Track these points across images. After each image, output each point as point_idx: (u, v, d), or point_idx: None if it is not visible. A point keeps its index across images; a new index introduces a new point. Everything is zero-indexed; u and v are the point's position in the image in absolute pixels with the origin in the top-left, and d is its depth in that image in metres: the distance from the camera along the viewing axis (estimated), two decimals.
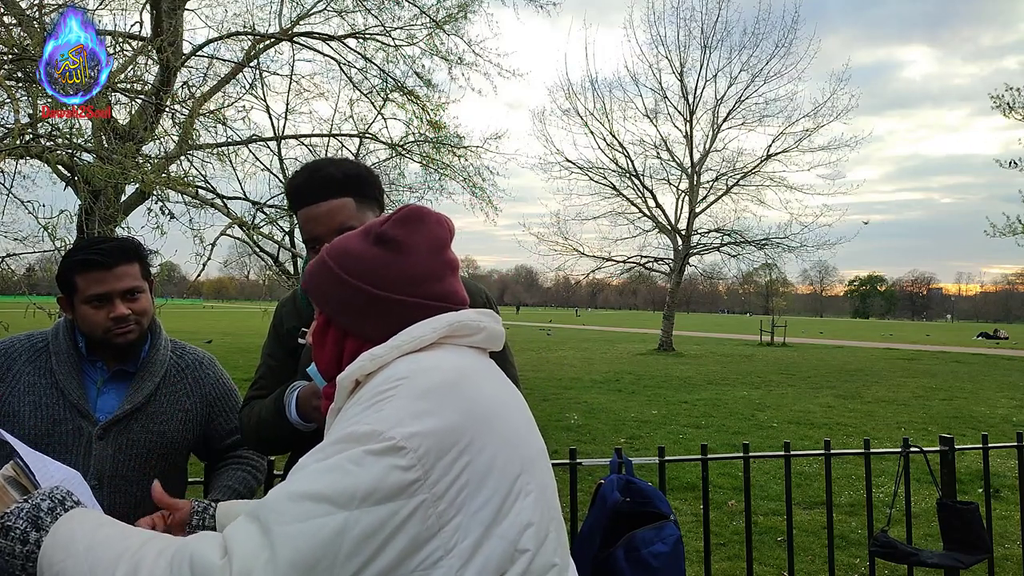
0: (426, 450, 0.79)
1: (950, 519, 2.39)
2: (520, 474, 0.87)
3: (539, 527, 0.87)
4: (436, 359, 0.91)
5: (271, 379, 1.63)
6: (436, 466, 0.79)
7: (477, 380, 0.92)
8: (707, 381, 14.53)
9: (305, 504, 0.76)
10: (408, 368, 0.88)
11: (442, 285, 1.00)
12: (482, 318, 1.02)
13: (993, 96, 17.57)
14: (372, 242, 0.99)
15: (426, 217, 1.02)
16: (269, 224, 10.52)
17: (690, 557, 3.16)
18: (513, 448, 0.88)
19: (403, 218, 1.00)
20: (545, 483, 0.93)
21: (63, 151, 5.95)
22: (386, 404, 0.83)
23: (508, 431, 0.89)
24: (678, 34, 31.82)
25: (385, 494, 0.76)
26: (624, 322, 59.64)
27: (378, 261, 0.97)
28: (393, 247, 0.98)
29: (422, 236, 1.00)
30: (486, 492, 0.82)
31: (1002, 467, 6.42)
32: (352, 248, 1.00)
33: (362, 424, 0.82)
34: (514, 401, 0.98)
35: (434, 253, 1.00)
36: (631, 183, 24.91)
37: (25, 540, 0.90)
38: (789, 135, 23.86)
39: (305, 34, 10.86)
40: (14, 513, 0.92)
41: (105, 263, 1.54)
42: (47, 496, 0.95)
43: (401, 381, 0.86)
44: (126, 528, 0.90)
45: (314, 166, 1.56)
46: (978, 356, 24.09)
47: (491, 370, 1.01)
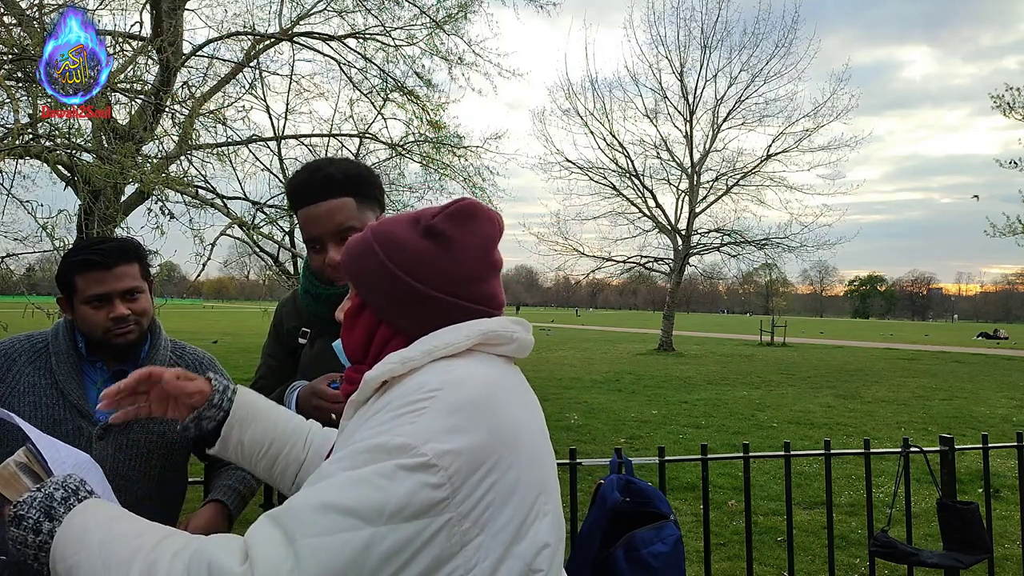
0: (456, 469, 0.78)
1: (950, 519, 2.39)
2: (540, 494, 0.87)
3: (554, 548, 0.88)
4: (468, 370, 0.89)
5: (271, 379, 1.63)
6: (464, 485, 0.78)
7: (506, 397, 0.90)
8: (707, 381, 14.53)
9: (332, 516, 0.75)
10: (441, 379, 0.86)
11: (485, 287, 0.98)
12: (515, 328, 0.99)
13: (993, 96, 17.59)
14: (421, 233, 0.96)
15: (479, 214, 0.99)
16: (269, 224, 10.51)
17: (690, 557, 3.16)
18: (535, 468, 0.88)
19: (455, 213, 0.97)
20: (558, 503, 0.93)
21: (63, 151, 5.95)
22: (418, 416, 0.81)
23: (531, 451, 0.88)
24: (678, 34, 31.91)
25: (414, 511, 0.75)
26: (624, 322, 59.64)
27: (426, 255, 0.94)
28: (442, 242, 0.95)
29: (472, 234, 0.97)
30: (509, 512, 0.82)
31: (1002, 467, 6.42)
32: (400, 236, 0.97)
33: (394, 435, 0.80)
34: (535, 418, 0.97)
35: (482, 253, 0.97)
36: (631, 183, 24.95)
37: (38, 530, 0.88)
38: (789, 135, 23.92)
39: (305, 34, 10.85)
40: (27, 502, 0.90)
41: (105, 263, 1.54)
42: (60, 485, 0.93)
43: (434, 393, 0.84)
44: (141, 523, 0.88)
45: (314, 166, 1.56)
46: (978, 356, 24.10)
47: (518, 383, 0.99)
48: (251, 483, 1.73)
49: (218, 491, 1.65)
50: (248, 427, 1.18)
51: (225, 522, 1.61)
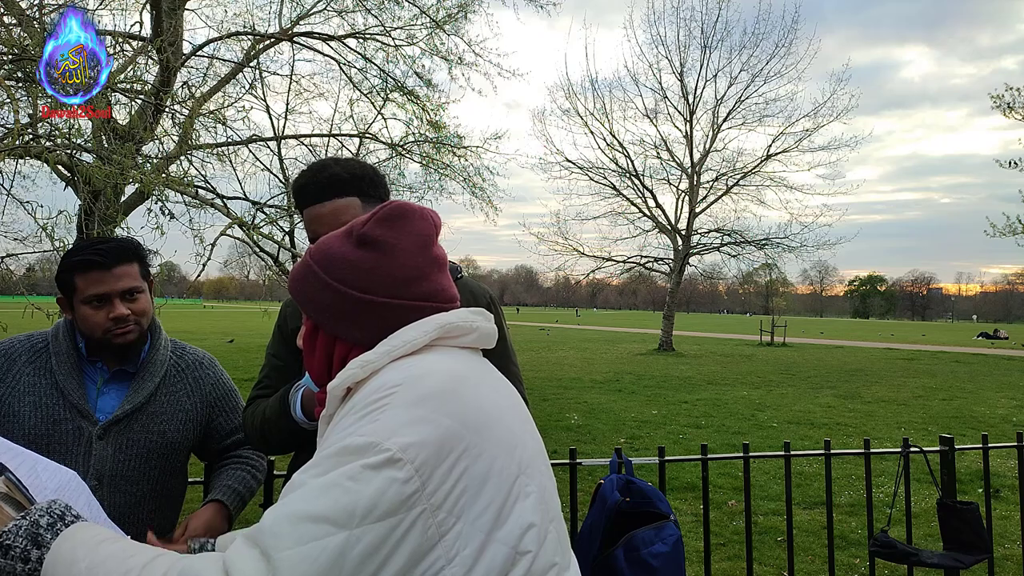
0: (423, 460, 0.78)
1: (950, 519, 2.39)
2: (518, 475, 0.86)
3: (540, 528, 0.86)
4: (429, 364, 0.89)
5: (275, 378, 1.63)
6: (433, 475, 0.78)
7: (471, 384, 0.90)
8: (707, 381, 14.52)
9: (305, 526, 0.74)
10: (401, 375, 0.87)
11: (429, 283, 0.97)
12: (474, 318, 1.00)
13: (993, 96, 17.59)
14: (355, 243, 0.96)
15: (409, 214, 0.99)
16: (269, 224, 10.51)
17: (690, 557, 3.16)
18: (510, 450, 0.87)
19: (385, 217, 0.97)
20: (544, 484, 0.92)
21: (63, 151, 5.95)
22: (381, 414, 0.82)
23: (504, 434, 0.88)
24: (678, 34, 31.96)
25: (385, 510, 0.75)
26: (624, 322, 59.66)
27: (362, 263, 0.95)
28: (377, 248, 0.95)
29: (406, 234, 0.97)
30: (485, 497, 0.81)
31: (1002, 467, 6.42)
32: (335, 250, 0.97)
33: (357, 435, 0.80)
34: (508, 401, 0.97)
35: (419, 251, 0.97)
36: (631, 183, 24.95)
37: (26, 559, 0.87)
38: (789, 135, 23.93)
39: (305, 34, 10.86)
40: (12, 531, 0.89)
41: (104, 263, 1.54)
42: (46, 511, 0.92)
43: (395, 389, 0.84)
44: (127, 546, 0.88)
45: (320, 165, 1.56)
46: (978, 356, 24.10)
47: (485, 371, 0.99)
48: (251, 483, 1.73)
49: (218, 491, 1.65)
50: None
51: (225, 522, 1.61)
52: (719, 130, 24.37)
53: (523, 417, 0.98)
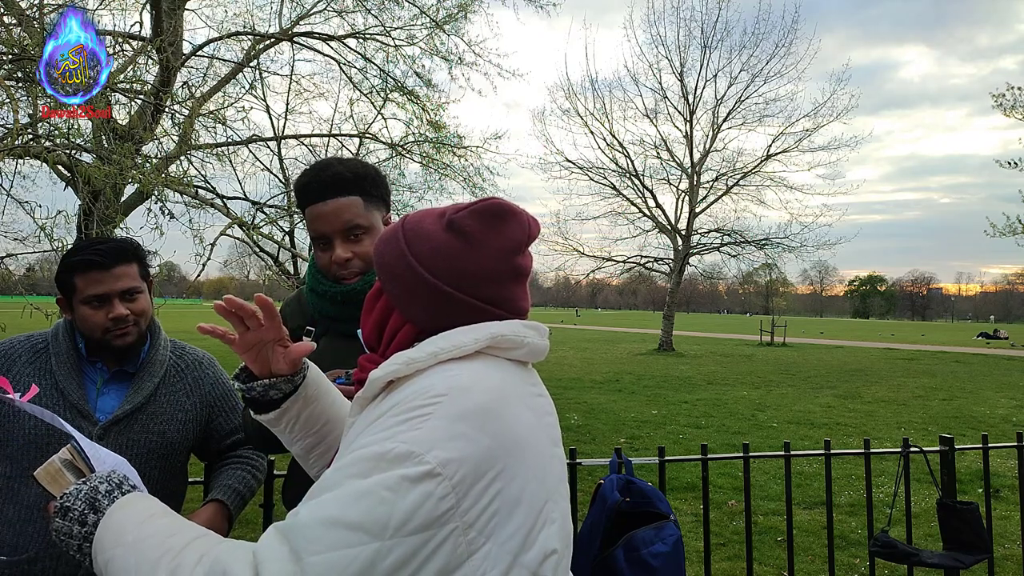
0: (461, 477, 0.77)
1: (950, 519, 2.39)
2: (547, 502, 0.86)
3: (560, 555, 0.87)
4: (475, 375, 0.88)
5: None
6: (469, 494, 0.78)
7: (513, 403, 0.89)
8: (707, 381, 14.52)
9: (338, 531, 0.74)
10: (446, 384, 0.85)
11: (501, 289, 0.96)
12: (527, 332, 0.97)
13: (994, 95, 17.58)
14: (444, 227, 0.95)
15: (506, 215, 0.97)
16: (269, 224, 10.50)
17: (690, 557, 3.16)
18: (542, 476, 0.87)
19: (481, 211, 0.96)
20: (565, 509, 0.92)
21: (63, 151, 5.95)
22: (423, 422, 0.80)
23: (536, 459, 0.87)
24: (678, 34, 31.95)
25: (419, 524, 0.75)
26: (624, 322, 59.63)
27: (444, 248, 0.94)
28: (462, 238, 0.94)
29: (496, 234, 0.95)
30: (516, 521, 0.81)
31: (1002, 467, 6.42)
32: (425, 227, 0.96)
33: (398, 442, 0.79)
34: (543, 422, 0.95)
35: (503, 255, 0.96)
36: (631, 183, 24.95)
37: (84, 522, 0.90)
38: (789, 135, 23.93)
39: (305, 34, 10.85)
40: (72, 494, 0.92)
41: (103, 263, 1.54)
42: (104, 479, 0.95)
43: (440, 399, 0.83)
44: (174, 522, 0.89)
45: (323, 164, 1.57)
46: (978, 356, 24.10)
47: (527, 388, 0.97)
48: (251, 483, 1.73)
49: (218, 491, 1.65)
50: (310, 405, 1.16)
51: (225, 522, 1.61)
52: (719, 130, 24.38)
53: (554, 439, 0.97)
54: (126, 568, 0.82)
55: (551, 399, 1.03)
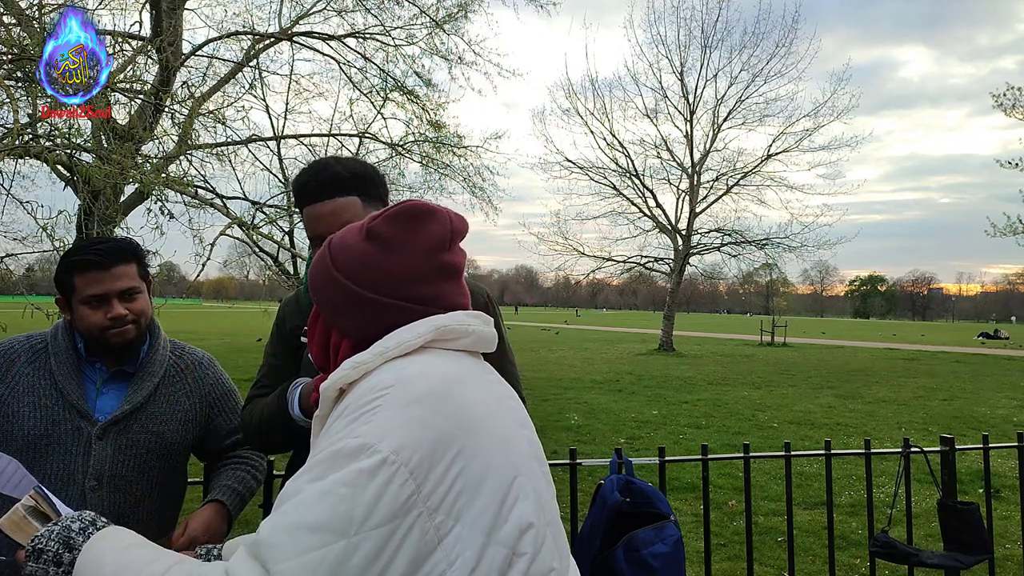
0: (417, 462, 0.77)
1: (950, 519, 2.39)
2: (516, 476, 0.86)
3: (538, 529, 0.85)
4: (422, 365, 0.88)
5: (273, 378, 1.63)
6: (429, 477, 0.77)
7: (464, 385, 0.89)
8: (707, 381, 14.52)
9: (303, 535, 0.74)
10: (393, 376, 0.86)
11: (428, 288, 0.95)
12: (470, 321, 0.98)
13: (995, 95, 17.60)
14: (364, 236, 0.96)
15: (423, 215, 0.97)
16: (269, 224, 10.51)
17: (690, 557, 3.16)
18: (505, 451, 0.86)
19: (396, 215, 0.97)
20: (540, 489, 0.91)
21: (63, 151, 5.95)
22: (373, 415, 0.81)
23: (500, 434, 0.87)
24: (678, 34, 31.90)
25: (383, 516, 0.75)
26: (624, 322, 59.62)
27: (364, 257, 0.95)
28: (380, 244, 0.95)
29: (415, 235, 0.96)
30: (483, 498, 0.80)
31: (1003, 467, 6.42)
32: (347, 240, 0.98)
33: (350, 438, 0.79)
34: (504, 404, 0.95)
35: (425, 254, 0.95)
36: (631, 183, 24.93)
37: (59, 562, 0.90)
38: (789, 135, 23.89)
39: (305, 34, 10.86)
40: (44, 535, 0.92)
41: (102, 263, 1.54)
42: (76, 518, 0.95)
43: (387, 390, 0.83)
44: (152, 552, 0.89)
45: (321, 164, 1.56)
46: (978, 356, 24.10)
47: (479, 373, 0.97)
48: (250, 483, 1.73)
49: (218, 491, 1.65)
50: None
51: (224, 523, 1.61)
52: (719, 130, 24.37)
53: (519, 420, 0.97)
54: None
55: (506, 386, 1.03)
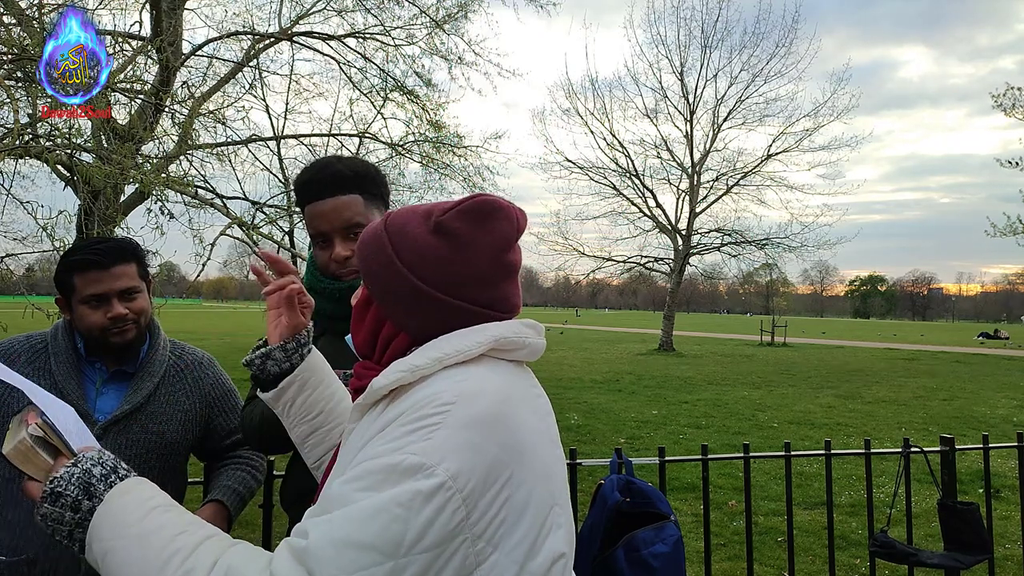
0: (471, 489, 0.77)
1: (950, 519, 2.39)
2: (553, 507, 0.85)
3: (568, 559, 0.87)
4: (480, 380, 0.86)
5: None
6: (478, 505, 0.77)
7: (518, 408, 0.87)
8: (707, 381, 14.52)
9: (352, 552, 0.74)
10: (454, 391, 0.83)
11: (496, 290, 0.93)
12: (527, 332, 0.95)
13: (995, 95, 17.59)
14: (431, 229, 0.90)
15: (495, 212, 0.92)
16: (269, 224, 10.50)
17: (690, 557, 3.16)
18: (547, 481, 0.85)
19: (469, 210, 0.91)
20: (570, 512, 0.91)
21: (63, 151, 5.95)
22: (433, 432, 0.79)
23: (543, 463, 0.86)
24: (678, 34, 31.98)
25: (433, 540, 0.75)
26: (624, 322, 59.61)
27: (432, 252, 0.89)
28: (451, 240, 0.90)
29: (485, 233, 0.91)
30: (523, 528, 0.80)
31: (1003, 467, 6.42)
32: (411, 230, 0.91)
33: (408, 453, 0.77)
34: (544, 424, 0.93)
35: (494, 254, 0.91)
36: (631, 183, 24.95)
37: (77, 508, 0.86)
38: (789, 135, 23.93)
39: (305, 34, 10.86)
40: (64, 478, 0.87)
41: (102, 263, 1.54)
42: (97, 461, 0.90)
43: (448, 407, 0.81)
44: (181, 516, 0.86)
45: (323, 163, 1.57)
46: (978, 356, 24.09)
47: (529, 389, 0.95)
48: (250, 484, 1.73)
49: (217, 491, 1.65)
50: (307, 390, 1.16)
51: (224, 523, 1.60)
52: (719, 130, 24.39)
53: (555, 439, 0.95)
54: (129, 562, 0.80)
55: (548, 398, 1.02)
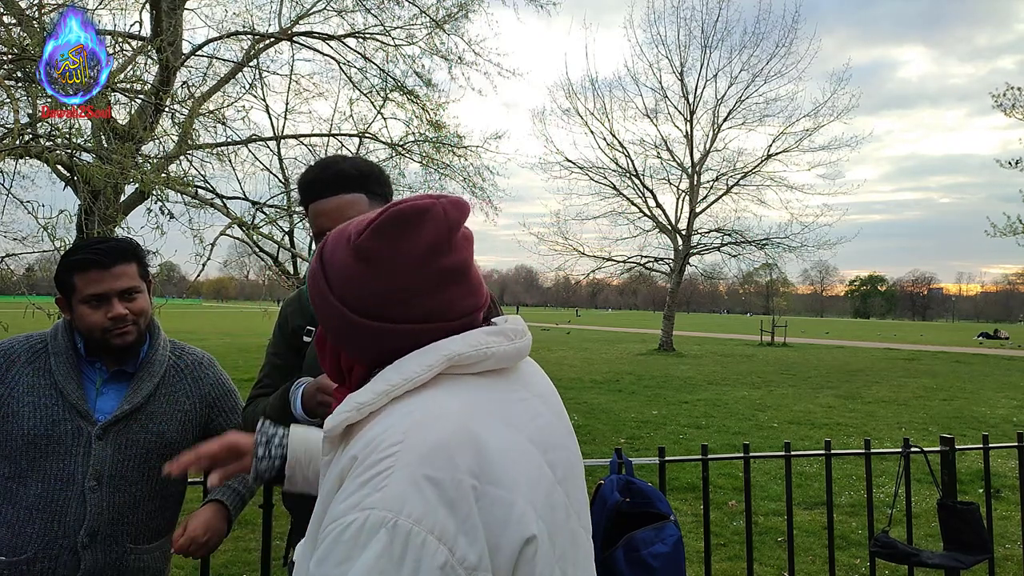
0: (443, 526, 0.73)
1: (950, 519, 2.39)
2: (536, 520, 0.81)
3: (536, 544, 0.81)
4: (433, 408, 0.80)
5: (276, 377, 1.63)
6: (458, 540, 0.73)
7: (485, 424, 0.81)
8: (707, 381, 14.52)
9: None
10: (401, 427, 0.78)
11: (431, 300, 0.85)
12: (490, 340, 0.87)
13: (995, 95, 17.58)
14: (351, 252, 0.84)
15: (412, 219, 0.84)
16: (269, 224, 10.50)
17: (690, 557, 3.16)
18: (528, 493, 0.80)
19: (381, 226, 0.83)
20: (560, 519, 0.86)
21: (63, 151, 5.95)
22: (387, 479, 0.74)
23: (521, 474, 0.81)
24: (678, 34, 31.92)
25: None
26: (624, 322, 59.62)
27: (355, 279, 0.84)
28: (369, 262, 0.83)
29: (406, 245, 0.83)
30: (506, 549, 0.76)
31: (1003, 467, 6.42)
32: (337, 256, 0.86)
33: (367, 509, 0.73)
34: (531, 427, 0.87)
35: (421, 263, 0.83)
36: (631, 183, 24.94)
37: None
38: (789, 135, 23.91)
39: (305, 33, 10.86)
40: None
41: (103, 262, 1.54)
42: None
43: (397, 448, 0.76)
44: None
45: (327, 161, 1.58)
46: (978, 356, 24.10)
47: (505, 395, 0.88)
48: (251, 484, 1.73)
49: (218, 491, 1.65)
50: (310, 464, 1.18)
51: (224, 522, 1.61)
52: (719, 130, 24.37)
53: (547, 443, 0.88)
54: None
55: (541, 398, 0.94)
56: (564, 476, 0.90)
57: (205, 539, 1.54)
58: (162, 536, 1.67)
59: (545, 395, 0.95)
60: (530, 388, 0.93)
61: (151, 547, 1.63)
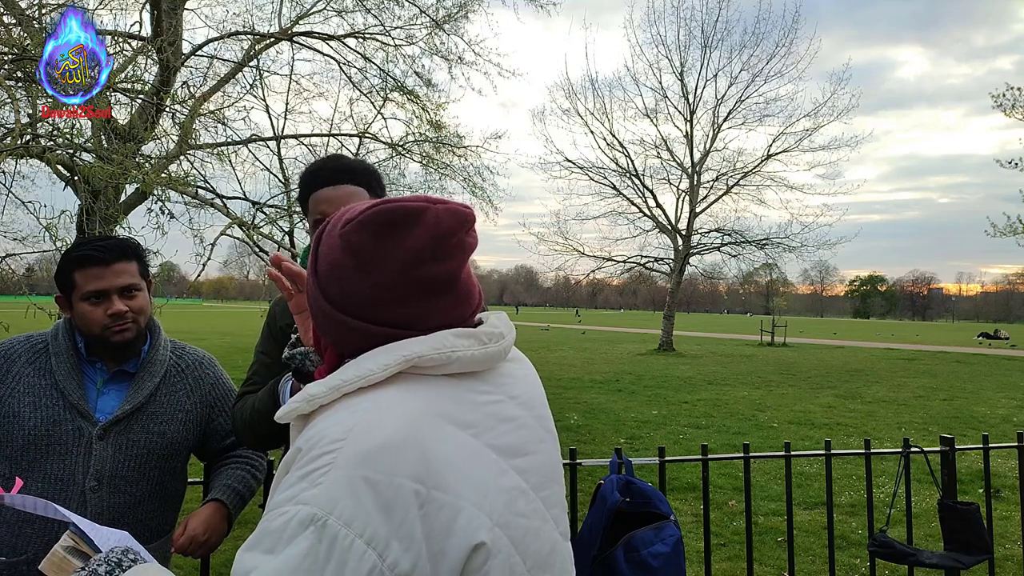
0: (374, 530, 0.70)
1: (950, 519, 2.39)
2: (491, 527, 0.78)
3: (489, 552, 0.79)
4: (384, 407, 0.77)
5: (264, 375, 1.63)
6: (391, 544, 0.71)
7: (436, 428, 0.78)
8: (707, 381, 14.52)
9: None
10: (346, 424, 0.76)
11: (406, 309, 0.82)
12: (458, 343, 0.83)
13: (994, 95, 17.56)
14: (341, 243, 0.83)
15: (402, 222, 0.81)
16: (269, 224, 10.50)
17: (690, 557, 3.16)
18: (479, 500, 0.77)
19: (369, 221, 0.81)
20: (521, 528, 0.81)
21: (63, 151, 5.95)
22: (323, 476, 0.73)
23: (473, 480, 0.78)
24: (678, 34, 31.99)
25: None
26: (624, 322, 59.64)
27: (336, 267, 0.83)
28: (354, 255, 0.81)
29: (391, 246, 0.80)
30: (451, 557, 0.74)
31: (1003, 467, 6.42)
32: (331, 238, 0.85)
33: (300, 504, 0.72)
34: (494, 433, 0.84)
35: (403, 269, 0.81)
36: (631, 183, 24.95)
37: None
38: (789, 135, 23.91)
39: (305, 34, 10.86)
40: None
41: (103, 259, 1.55)
42: (104, 560, 0.93)
43: (338, 444, 0.74)
44: None
45: (333, 155, 1.69)
46: (978, 356, 24.09)
47: (471, 397, 0.84)
48: (250, 483, 1.73)
49: (218, 491, 1.65)
50: None
51: (224, 522, 1.61)
52: (719, 130, 24.38)
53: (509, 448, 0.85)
54: None
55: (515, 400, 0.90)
56: (540, 483, 0.87)
57: (205, 538, 1.54)
58: (162, 535, 1.67)
59: (523, 398, 0.91)
60: (505, 390, 0.89)
61: (151, 547, 1.63)
